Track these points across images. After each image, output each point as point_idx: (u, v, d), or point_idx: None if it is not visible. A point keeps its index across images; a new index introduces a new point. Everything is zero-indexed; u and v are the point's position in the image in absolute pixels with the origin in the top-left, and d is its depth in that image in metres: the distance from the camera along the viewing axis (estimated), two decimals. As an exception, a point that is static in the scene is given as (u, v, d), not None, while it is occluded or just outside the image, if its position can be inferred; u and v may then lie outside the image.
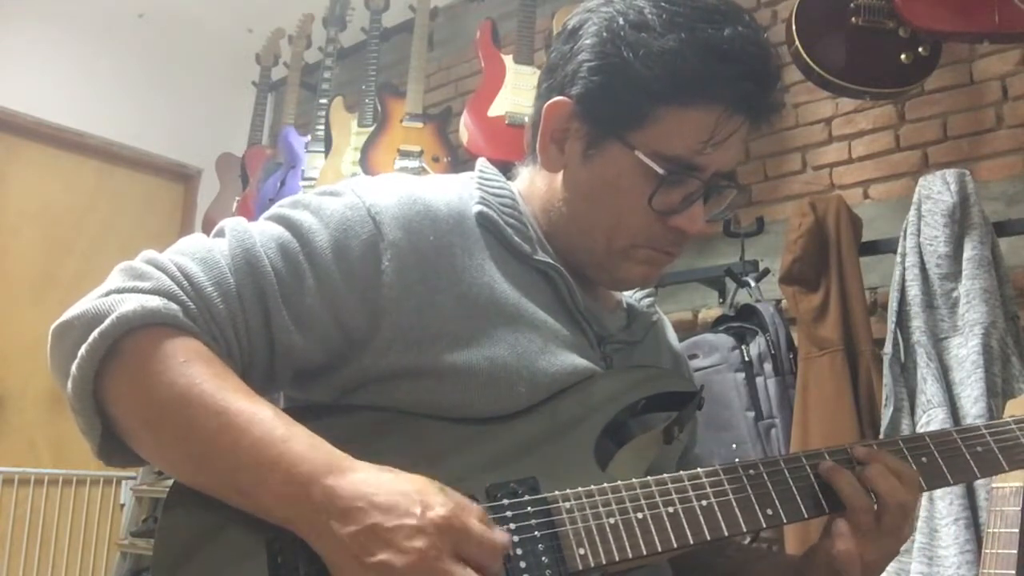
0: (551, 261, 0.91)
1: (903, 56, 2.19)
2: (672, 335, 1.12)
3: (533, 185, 0.97)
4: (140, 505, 3.86)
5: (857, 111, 2.65)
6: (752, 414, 2.18)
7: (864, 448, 0.87)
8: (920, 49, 2.20)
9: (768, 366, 2.22)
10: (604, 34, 0.87)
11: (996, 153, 2.40)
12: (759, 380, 2.22)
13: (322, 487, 0.69)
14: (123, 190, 4.15)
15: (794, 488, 0.83)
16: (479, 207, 0.90)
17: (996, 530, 1.40)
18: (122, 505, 3.90)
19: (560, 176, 0.93)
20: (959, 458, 0.89)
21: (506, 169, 1.02)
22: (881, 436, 2.00)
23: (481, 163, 0.99)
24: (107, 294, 0.77)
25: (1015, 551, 1.36)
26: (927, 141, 2.53)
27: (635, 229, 0.90)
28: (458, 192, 0.92)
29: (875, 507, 0.83)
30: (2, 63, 3.74)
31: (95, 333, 0.73)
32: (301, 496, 0.70)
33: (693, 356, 2.26)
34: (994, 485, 1.45)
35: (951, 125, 2.50)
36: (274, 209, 0.87)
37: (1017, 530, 1.36)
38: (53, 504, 3.67)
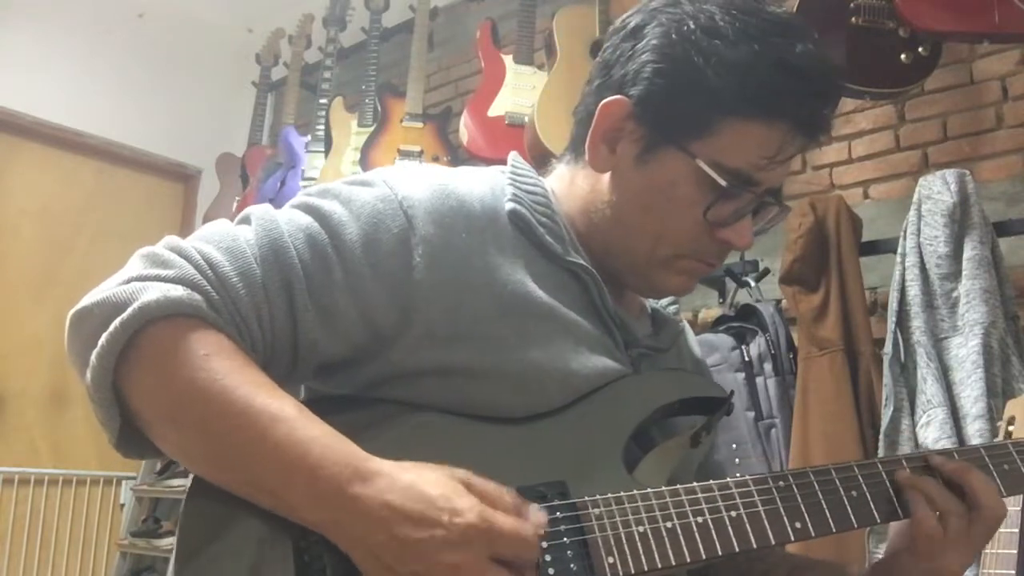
0: (583, 263, 0.89)
1: (903, 56, 2.19)
2: (695, 344, 1.10)
3: (573, 184, 0.94)
4: (140, 505, 3.86)
5: (857, 111, 2.65)
6: (752, 414, 2.18)
7: (946, 458, 0.87)
8: (920, 49, 2.20)
9: (768, 366, 2.22)
10: (673, 36, 0.84)
11: (996, 153, 2.40)
12: (759, 380, 2.22)
13: (348, 496, 0.68)
14: (123, 190, 4.15)
15: (823, 501, 0.82)
16: (512, 204, 0.88)
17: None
18: (122, 505, 3.90)
19: (607, 177, 0.90)
20: None
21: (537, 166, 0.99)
22: (881, 436, 2.00)
23: (514, 157, 0.95)
24: (128, 281, 0.74)
25: (1015, 551, 1.36)
26: (927, 141, 2.53)
27: (682, 239, 0.88)
28: (491, 187, 0.89)
29: (969, 513, 0.83)
30: (2, 63, 3.74)
31: (116, 322, 0.71)
32: (327, 501, 0.69)
33: (693, 356, 2.26)
34: (994, 485, 1.45)
35: (951, 125, 2.50)
36: (302, 197, 0.84)
37: (1017, 530, 1.36)
38: (53, 504, 3.66)
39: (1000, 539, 1.39)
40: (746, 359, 2.23)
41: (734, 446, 2.15)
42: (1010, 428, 1.44)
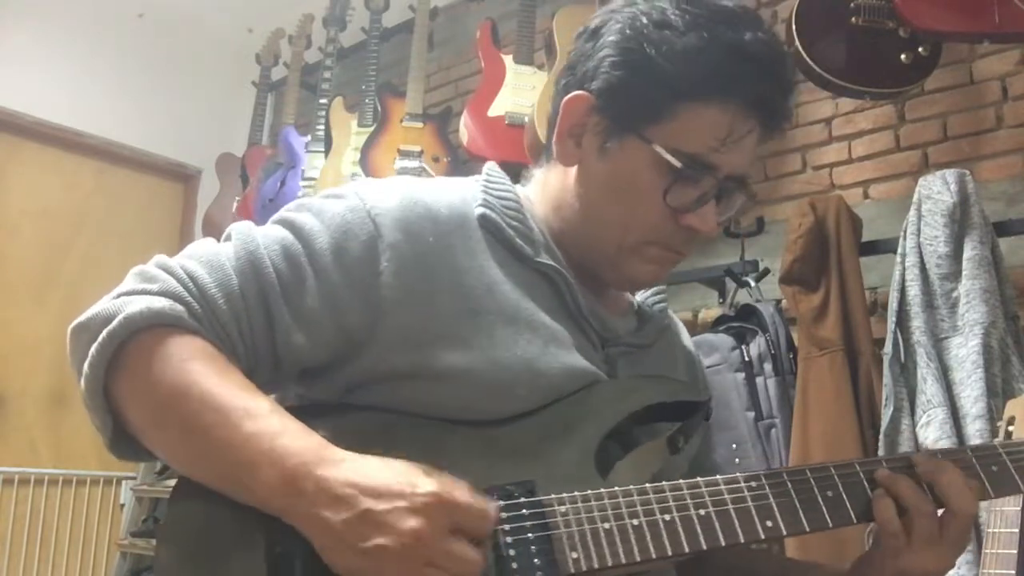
0: (552, 263, 0.91)
1: (903, 56, 2.19)
2: (686, 337, 1.12)
3: (547, 185, 0.98)
4: (140, 505, 3.86)
5: (857, 111, 2.65)
6: (752, 414, 2.18)
7: (926, 458, 0.87)
8: (920, 49, 2.20)
9: (768, 366, 2.22)
10: (627, 31, 0.89)
11: (996, 153, 2.40)
12: (759, 380, 2.22)
13: (314, 478, 0.71)
14: (123, 190, 4.15)
15: (796, 500, 0.82)
16: (481, 209, 0.91)
17: (996, 530, 1.40)
18: (122, 505, 3.90)
19: (574, 171, 0.94)
20: None
21: (514, 170, 1.02)
22: (881, 436, 2.00)
23: (489, 167, 0.99)
24: (118, 296, 0.80)
25: (1015, 551, 1.36)
26: (927, 141, 2.53)
27: (648, 225, 0.91)
28: (462, 195, 0.92)
29: (940, 515, 0.83)
30: (2, 63, 3.73)
31: (104, 334, 0.77)
32: (293, 488, 0.71)
33: (693, 356, 2.26)
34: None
35: (951, 125, 2.50)
36: (281, 212, 0.89)
37: (1017, 530, 1.36)
38: (53, 504, 3.66)
39: (1000, 539, 1.39)
40: (746, 359, 2.23)
41: (734, 446, 2.15)
42: (1010, 428, 1.44)
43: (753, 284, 2.43)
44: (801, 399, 2.14)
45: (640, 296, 1.05)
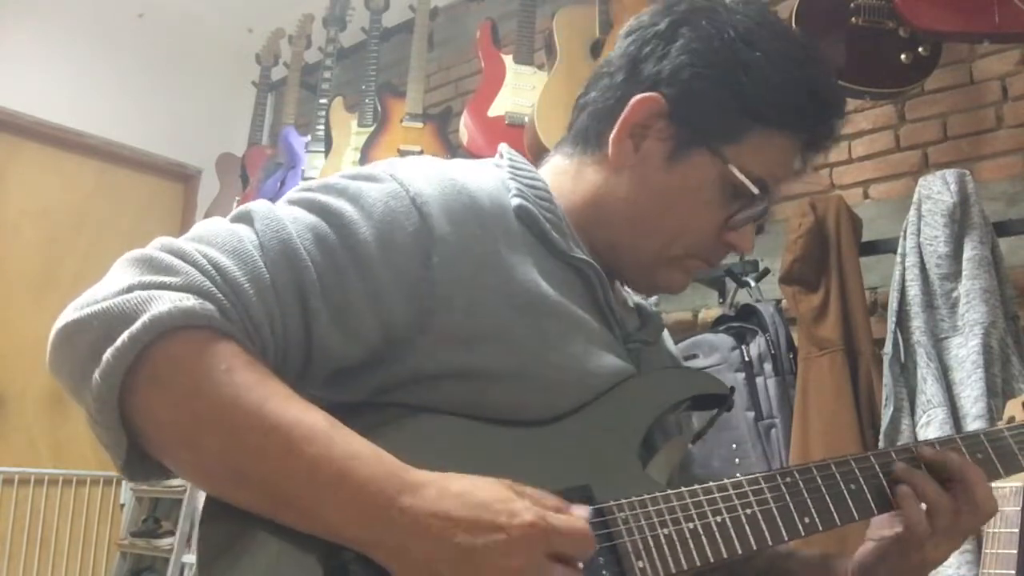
0: (587, 258, 0.88)
1: (903, 56, 2.19)
2: (670, 339, 1.11)
3: (580, 177, 0.93)
4: (140, 505, 3.86)
5: (857, 111, 2.65)
6: (752, 414, 2.18)
7: (931, 448, 0.90)
8: (920, 49, 2.20)
9: (768, 366, 2.22)
10: (715, 43, 0.87)
11: (996, 153, 2.40)
12: (759, 380, 2.22)
13: (398, 508, 0.65)
14: (123, 190, 4.15)
15: (828, 496, 0.84)
16: (518, 200, 0.86)
17: (996, 530, 1.40)
18: (122, 505, 3.90)
19: (625, 173, 0.90)
20: (1009, 455, 0.95)
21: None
22: (881, 436, 2.00)
23: (507, 150, 0.93)
24: (130, 290, 0.68)
25: (1015, 551, 1.36)
26: (927, 141, 2.53)
27: (697, 240, 0.90)
28: (494, 182, 0.87)
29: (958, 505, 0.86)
30: (2, 63, 3.74)
31: (124, 336, 0.65)
32: (373, 518, 0.66)
33: (693, 356, 2.27)
34: (994, 485, 1.45)
35: (951, 125, 2.50)
36: (304, 193, 0.80)
37: (1017, 530, 1.36)
38: (53, 504, 3.66)
39: (1000, 539, 1.39)
40: (746, 359, 2.23)
41: (734, 446, 2.15)
42: (1010, 428, 1.44)
43: (753, 284, 2.43)
44: (801, 399, 2.14)
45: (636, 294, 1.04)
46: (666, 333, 1.11)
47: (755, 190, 0.87)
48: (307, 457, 0.66)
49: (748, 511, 0.80)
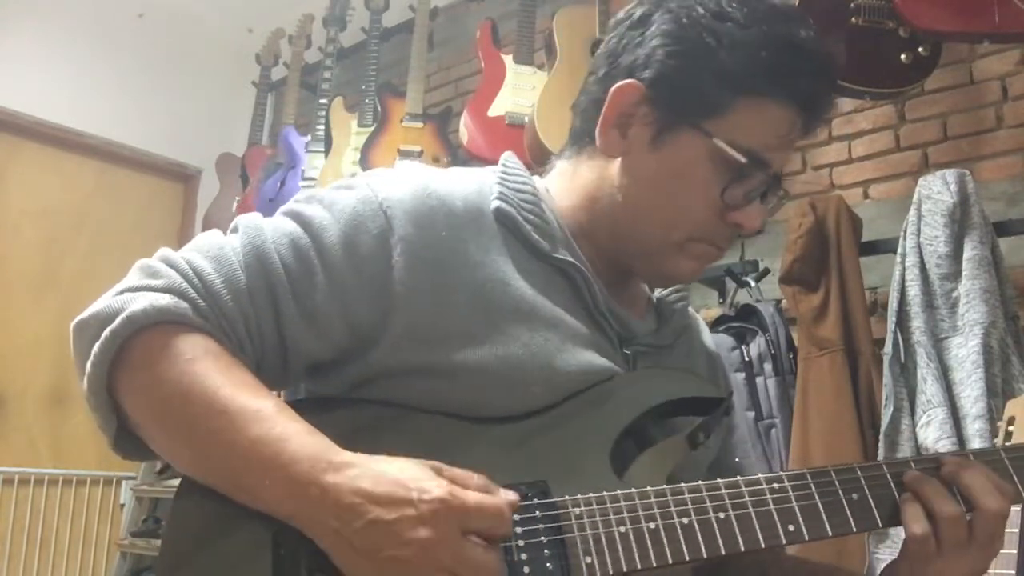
0: (570, 259, 0.88)
1: (903, 56, 2.19)
2: (707, 335, 1.09)
3: (577, 175, 0.94)
4: (140, 505, 3.86)
5: (857, 111, 2.65)
6: (752, 414, 2.18)
7: (955, 459, 0.83)
8: (920, 49, 2.20)
9: (768, 366, 2.22)
10: (684, 20, 0.86)
11: (996, 153, 2.40)
12: (759, 380, 2.22)
13: (320, 486, 0.69)
14: (123, 190, 4.15)
15: (820, 503, 0.79)
16: (497, 202, 0.87)
17: (996, 530, 1.40)
18: (122, 505, 3.90)
19: (617, 163, 0.90)
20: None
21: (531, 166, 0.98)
22: (881, 436, 2.00)
23: (506, 157, 0.95)
24: (121, 292, 0.78)
25: (1015, 551, 1.36)
26: (927, 141, 2.53)
27: (697, 221, 0.88)
28: (478, 187, 0.89)
29: (968, 517, 0.80)
30: (2, 63, 3.73)
31: (107, 332, 0.75)
32: (300, 495, 0.70)
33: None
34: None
35: (951, 125, 2.50)
36: (290, 204, 0.87)
37: (1017, 530, 1.36)
38: (53, 504, 3.66)
39: (1000, 539, 1.39)
40: (746, 359, 2.23)
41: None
42: (1010, 428, 1.44)
43: (753, 284, 2.43)
44: (801, 399, 2.14)
45: (658, 292, 1.02)
46: (704, 329, 1.09)
47: (742, 159, 0.84)
48: (248, 438, 0.72)
49: (721, 515, 0.76)
